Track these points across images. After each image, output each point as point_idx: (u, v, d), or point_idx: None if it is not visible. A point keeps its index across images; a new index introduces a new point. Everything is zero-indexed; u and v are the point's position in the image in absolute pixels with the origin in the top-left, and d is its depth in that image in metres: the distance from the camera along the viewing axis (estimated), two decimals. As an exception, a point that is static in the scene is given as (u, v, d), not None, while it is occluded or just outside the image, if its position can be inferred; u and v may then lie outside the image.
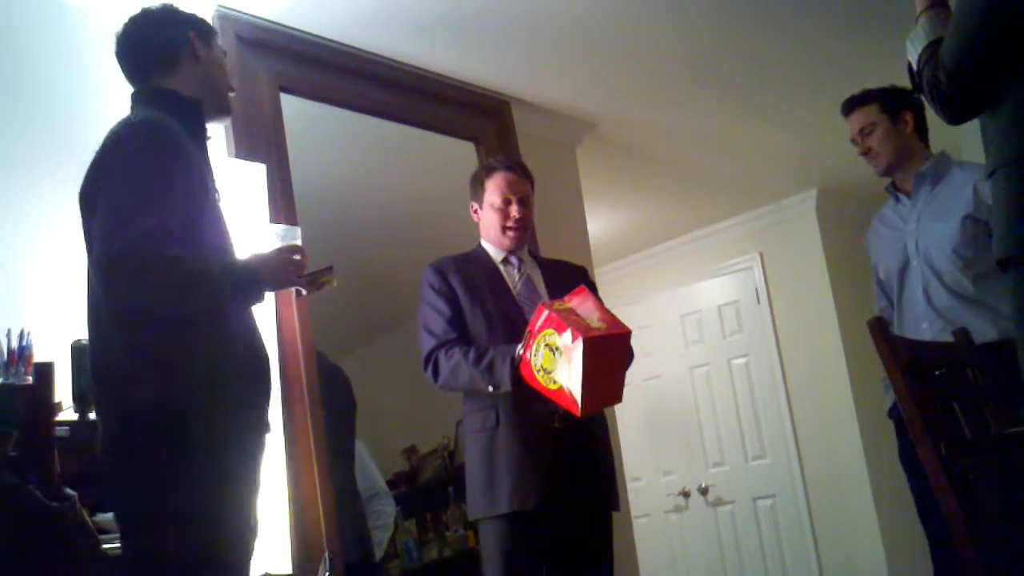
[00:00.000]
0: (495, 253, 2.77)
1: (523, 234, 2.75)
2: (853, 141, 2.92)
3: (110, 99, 2.06)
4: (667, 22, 3.53)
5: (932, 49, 1.71)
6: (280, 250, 1.99)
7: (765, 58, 3.89)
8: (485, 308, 2.64)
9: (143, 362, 1.75)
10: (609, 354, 2.37)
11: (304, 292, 2.10)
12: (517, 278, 2.73)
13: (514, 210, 2.71)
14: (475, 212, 2.81)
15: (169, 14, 2.03)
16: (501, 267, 2.75)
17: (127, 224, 1.71)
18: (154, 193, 1.75)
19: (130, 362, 1.76)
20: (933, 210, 2.75)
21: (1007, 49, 1.60)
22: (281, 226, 2.76)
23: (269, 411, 1.97)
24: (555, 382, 2.31)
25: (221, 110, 2.08)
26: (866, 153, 2.88)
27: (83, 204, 1.85)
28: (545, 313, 2.35)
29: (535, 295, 2.68)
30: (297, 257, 1.99)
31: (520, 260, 2.77)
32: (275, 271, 1.94)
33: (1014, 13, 1.57)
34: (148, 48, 1.99)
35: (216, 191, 1.99)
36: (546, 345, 2.32)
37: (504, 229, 2.72)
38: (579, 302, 2.41)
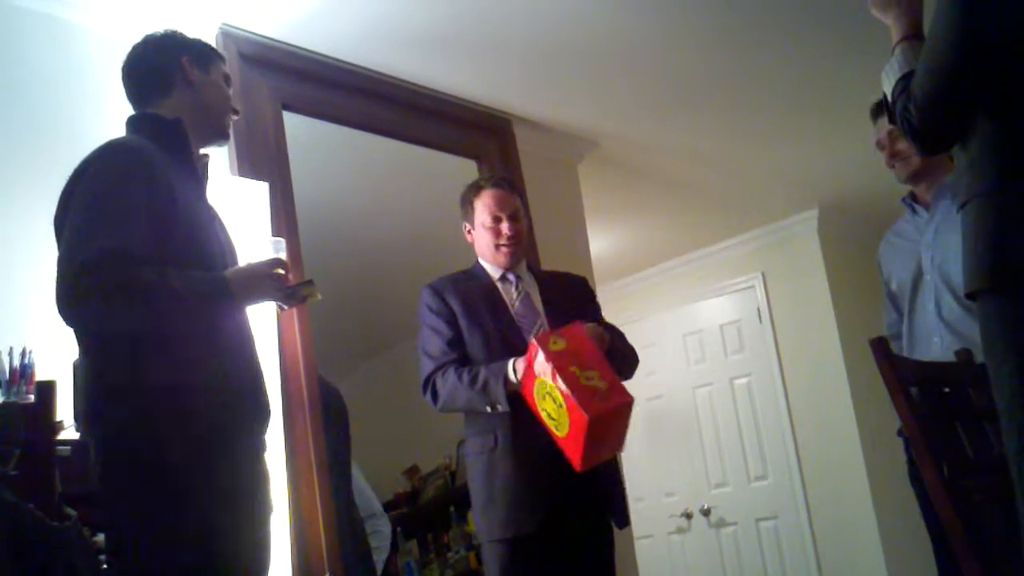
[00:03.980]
0: (492, 271, 2.76)
1: (517, 249, 2.75)
2: (880, 145, 2.86)
3: (114, 116, 2.07)
4: (668, 42, 3.55)
5: (905, 81, 1.72)
6: (259, 263, 1.92)
7: (766, 78, 3.91)
8: (483, 327, 2.63)
9: (111, 385, 1.74)
10: (611, 422, 2.35)
11: (285, 307, 2.04)
12: (515, 295, 2.72)
13: (505, 227, 2.71)
14: (468, 233, 2.81)
15: (166, 40, 2.04)
16: (499, 285, 2.74)
17: (83, 246, 1.68)
18: (113, 213, 1.73)
19: (100, 386, 1.76)
20: (951, 224, 2.66)
21: (975, 82, 1.61)
22: (270, 239, 2.75)
23: (264, 429, 1.95)
24: (558, 430, 2.33)
25: (215, 133, 2.06)
26: (893, 157, 2.82)
27: (56, 230, 1.83)
28: (540, 356, 2.32)
29: (533, 312, 2.68)
30: (279, 271, 1.92)
31: (518, 276, 2.76)
32: (250, 285, 1.87)
33: (981, 47, 1.58)
34: (143, 74, 2.01)
35: (210, 209, 1.98)
36: (548, 394, 2.31)
37: (497, 247, 2.72)
38: (574, 344, 2.36)
